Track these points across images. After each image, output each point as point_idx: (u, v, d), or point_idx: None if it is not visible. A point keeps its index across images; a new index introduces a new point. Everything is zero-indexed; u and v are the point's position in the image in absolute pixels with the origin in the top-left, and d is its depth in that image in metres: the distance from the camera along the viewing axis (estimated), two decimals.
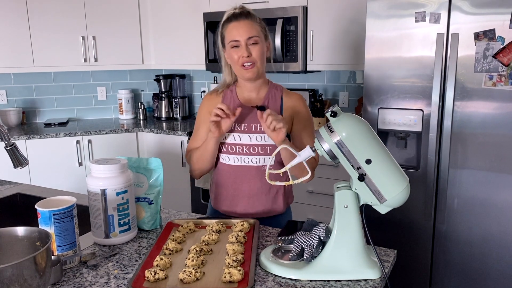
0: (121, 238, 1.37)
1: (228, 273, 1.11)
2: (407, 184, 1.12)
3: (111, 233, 1.35)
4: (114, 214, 1.34)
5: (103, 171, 1.31)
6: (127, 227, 1.37)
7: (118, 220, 1.35)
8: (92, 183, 1.32)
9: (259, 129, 1.58)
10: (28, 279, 0.92)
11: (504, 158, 2.17)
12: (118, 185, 1.32)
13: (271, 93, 1.62)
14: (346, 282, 1.12)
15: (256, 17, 1.56)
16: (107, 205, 1.32)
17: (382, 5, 2.31)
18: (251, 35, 1.50)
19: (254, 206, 1.63)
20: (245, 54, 1.50)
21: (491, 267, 2.29)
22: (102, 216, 1.33)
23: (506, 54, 2.08)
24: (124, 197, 1.34)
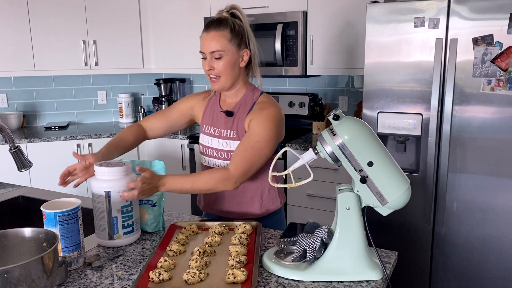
0: (125, 240, 1.38)
1: (232, 274, 1.12)
2: (408, 187, 1.13)
3: (115, 235, 1.36)
4: (118, 216, 1.35)
5: (107, 173, 1.33)
6: (131, 229, 1.39)
7: (122, 222, 1.36)
8: (96, 186, 1.34)
9: (225, 135, 1.59)
10: (35, 280, 0.93)
11: (503, 162, 2.19)
12: (122, 187, 1.33)
13: (244, 99, 1.60)
14: (348, 283, 1.14)
15: (229, 26, 1.49)
16: (111, 207, 1.34)
17: (381, 11, 2.34)
18: (213, 50, 1.49)
19: (227, 206, 1.65)
20: (207, 68, 1.52)
21: (490, 270, 2.31)
22: (106, 218, 1.34)
23: (504, 59, 2.11)
24: (128, 199, 1.35)
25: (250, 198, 1.63)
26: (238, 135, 1.57)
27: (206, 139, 1.66)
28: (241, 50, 1.53)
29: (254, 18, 3.12)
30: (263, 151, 1.49)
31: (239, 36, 1.51)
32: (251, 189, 1.62)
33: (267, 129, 1.50)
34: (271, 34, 3.05)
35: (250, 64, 1.60)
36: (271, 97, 1.62)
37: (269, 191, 1.65)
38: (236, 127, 1.57)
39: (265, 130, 1.50)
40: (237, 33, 1.51)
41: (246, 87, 1.63)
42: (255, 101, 1.58)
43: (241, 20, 1.54)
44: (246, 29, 1.54)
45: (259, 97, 1.60)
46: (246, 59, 1.55)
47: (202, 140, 1.68)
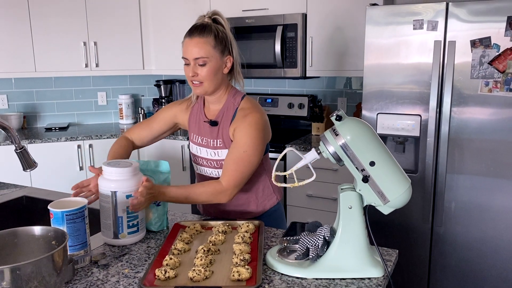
0: (130, 239, 1.40)
1: (237, 272, 1.15)
2: (409, 186, 1.16)
3: (120, 234, 1.38)
4: (124, 216, 1.37)
5: (115, 173, 1.35)
6: (136, 229, 1.41)
7: (127, 222, 1.38)
8: (104, 185, 1.36)
9: (212, 144, 1.60)
10: (46, 277, 0.95)
11: (500, 163, 2.22)
12: (128, 188, 1.36)
13: (226, 106, 1.60)
14: (350, 280, 1.16)
15: (213, 32, 1.49)
16: (117, 207, 1.36)
17: (381, 13, 2.37)
18: (197, 56, 1.48)
19: (225, 207, 1.67)
20: (190, 74, 1.51)
21: (488, 269, 2.34)
22: (112, 217, 1.36)
23: (502, 61, 2.14)
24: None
25: (246, 199, 1.65)
26: (225, 143, 1.58)
27: (195, 149, 1.68)
28: (225, 57, 1.53)
29: (254, 20, 3.15)
30: (251, 160, 1.50)
31: (222, 42, 1.51)
32: (245, 191, 1.64)
33: (252, 138, 1.50)
34: (271, 36, 3.08)
35: (232, 70, 1.59)
36: (253, 100, 1.61)
37: (263, 190, 1.67)
38: (222, 136, 1.58)
39: (250, 139, 1.50)
40: (221, 40, 1.51)
41: (228, 92, 1.61)
42: (237, 107, 1.57)
43: (223, 26, 1.54)
44: (229, 35, 1.54)
45: (240, 103, 1.59)
46: (229, 66, 1.55)
47: (192, 149, 1.70)
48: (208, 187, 1.49)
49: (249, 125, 1.51)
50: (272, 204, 1.70)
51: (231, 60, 1.55)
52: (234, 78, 1.62)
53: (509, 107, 2.16)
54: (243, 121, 1.53)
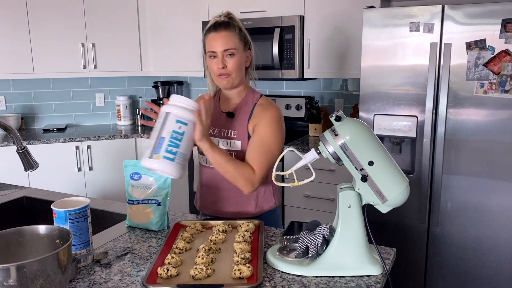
0: (162, 164, 1.34)
1: (238, 270, 1.17)
2: (407, 185, 1.18)
3: (155, 154, 1.35)
4: (166, 138, 1.35)
5: (176, 99, 1.39)
6: (172, 157, 1.35)
7: (167, 145, 1.35)
8: (163, 109, 1.39)
9: (226, 134, 1.64)
10: (51, 275, 0.97)
11: (495, 164, 2.26)
12: (182, 114, 1.37)
13: (245, 101, 1.65)
14: (350, 278, 1.18)
15: (236, 27, 1.57)
16: (164, 127, 1.36)
17: (378, 15, 2.40)
18: (227, 48, 1.53)
19: (225, 206, 1.68)
20: (220, 66, 1.55)
21: (484, 269, 2.37)
22: (156, 136, 1.36)
23: (497, 63, 2.17)
24: (182, 128, 1.36)
25: (247, 198, 1.67)
26: (239, 135, 1.61)
27: None
28: (246, 51, 1.61)
29: (252, 22, 3.17)
30: (276, 154, 1.56)
31: (244, 37, 1.60)
32: None
33: (275, 132, 1.57)
34: (269, 38, 3.10)
35: (249, 67, 1.66)
36: (269, 99, 1.68)
37: (264, 192, 1.69)
38: (237, 127, 1.62)
39: (273, 134, 1.57)
40: (243, 34, 1.59)
41: (247, 89, 1.68)
42: (256, 103, 1.63)
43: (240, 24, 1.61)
44: (247, 32, 1.62)
45: (259, 99, 1.65)
46: (249, 60, 1.63)
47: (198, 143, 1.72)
48: (245, 169, 1.52)
49: (271, 120, 1.58)
50: (270, 207, 1.72)
51: (251, 55, 1.63)
52: (249, 75, 1.68)
53: (503, 108, 2.19)
54: (264, 116, 1.59)
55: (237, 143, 1.61)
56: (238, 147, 1.61)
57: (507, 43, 2.13)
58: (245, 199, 1.68)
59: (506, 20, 2.12)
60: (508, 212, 2.27)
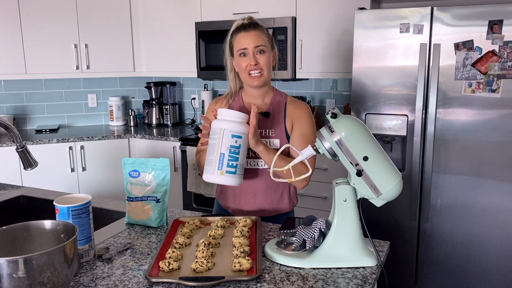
0: (226, 179, 1.49)
1: (238, 263, 1.20)
2: (400, 179, 1.23)
3: (219, 170, 1.47)
4: (226, 153, 1.47)
5: (226, 114, 1.49)
6: (234, 170, 1.49)
7: (228, 161, 1.47)
8: (215, 124, 1.50)
9: (264, 134, 1.67)
10: (58, 268, 0.99)
11: (483, 162, 2.32)
12: (236, 128, 1.48)
13: (275, 100, 1.71)
14: (346, 269, 1.23)
15: (263, 28, 1.64)
16: (222, 143, 1.46)
17: (368, 17, 2.46)
18: (258, 44, 1.59)
19: (260, 205, 1.72)
20: (252, 62, 1.60)
21: (472, 263, 2.43)
22: (215, 153, 1.47)
23: (484, 63, 2.24)
24: (238, 142, 1.48)
25: (281, 194, 1.72)
26: (276, 133, 1.66)
27: None
28: (273, 50, 1.67)
29: None
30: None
31: (270, 38, 1.66)
32: (281, 185, 1.71)
33: (313, 125, 1.69)
34: None
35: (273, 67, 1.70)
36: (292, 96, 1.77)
37: (294, 187, 1.76)
38: (274, 126, 1.67)
39: (312, 127, 1.68)
40: (270, 36, 1.66)
41: (273, 89, 1.75)
42: (285, 101, 1.71)
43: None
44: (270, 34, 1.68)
45: (287, 98, 1.73)
46: (275, 59, 1.69)
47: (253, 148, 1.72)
48: (300, 165, 1.55)
49: (308, 115, 1.69)
50: (296, 203, 1.79)
51: (276, 55, 1.69)
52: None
53: (491, 107, 2.26)
54: (301, 112, 1.68)
55: (275, 142, 1.66)
56: (277, 145, 1.65)
57: (493, 44, 2.20)
58: (280, 196, 1.72)
59: (492, 22, 2.19)
60: (495, 209, 2.33)
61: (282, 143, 1.65)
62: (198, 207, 3.42)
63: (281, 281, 1.16)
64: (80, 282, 1.17)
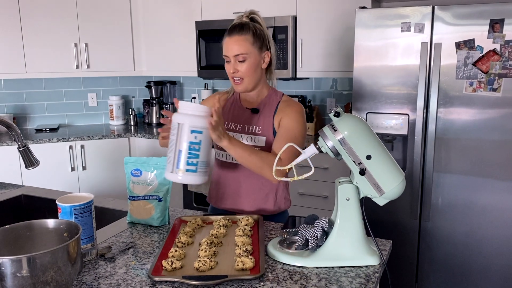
0: (186, 177, 1.37)
1: (241, 262, 1.20)
2: (403, 178, 1.23)
3: (177, 168, 1.36)
4: (184, 150, 1.35)
5: (185, 107, 1.36)
6: (194, 168, 1.36)
7: (187, 158, 1.35)
8: (175, 118, 1.36)
9: (250, 130, 1.66)
10: (61, 267, 0.99)
11: (484, 162, 2.32)
12: (195, 123, 1.35)
13: (269, 98, 1.68)
14: (349, 268, 1.23)
15: (251, 30, 1.56)
16: (179, 139, 1.35)
17: (370, 16, 2.45)
18: (237, 53, 1.55)
19: (242, 203, 1.70)
20: (231, 70, 1.58)
21: (473, 262, 2.43)
22: (174, 149, 1.36)
23: (485, 62, 2.24)
24: (198, 137, 1.35)
25: (265, 195, 1.69)
26: (263, 130, 1.64)
27: None
28: (263, 53, 1.61)
29: None
30: (301, 144, 1.59)
31: (260, 39, 1.59)
32: (268, 186, 1.69)
33: (301, 124, 1.61)
34: None
35: (270, 66, 1.67)
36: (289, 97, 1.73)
37: (282, 190, 1.72)
38: (262, 123, 1.64)
39: (300, 125, 1.61)
40: (259, 37, 1.59)
41: (268, 88, 1.70)
42: (280, 100, 1.67)
43: (260, 25, 1.61)
44: (266, 32, 1.62)
45: (282, 97, 1.69)
46: (267, 61, 1.63)
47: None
48: (271, 157, 1.50)
49: (297, 112, 1.62)
50: (286, 207, 1.75)
51: (269, 56, 1.63)
52: (270, 74, 1.69)
53: (492, 107, 2.26)
54: (290, 110, 1.62)
55: (261, 139, 1.64)
56: (263, 142, 1.64)
57: (495, 43, 2.20)
58: (264, 196, 1.70)
59: (494, 21, 2.19)
60: (496, 208, 2.33)
61: (269, 141, 1.63)
62: (199, 206, 3.42)
63: (284, 280, 1.16)
64: (83, 281, 1.17)
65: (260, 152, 1.54)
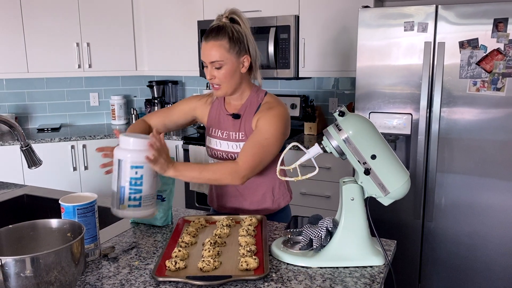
0: (130, 212, 1.35)
1: (245, 262, 1.19)
2: (407, 178, 1.22)
3: (121, 204, 1.35)
4: (126, 186, 1.34)
5: (125, 142, 1.34)
6: (137, 203, 1.35)
7: (129, 194, 1.34)
8: (115, 153, 1.36)
9: (234, 137, 1.63)
10: (65, 267, 0.99)
11: (487, 162, 2.31)
12: (134, 158, 1.33)
13: (250, 101, 1.63)
14: (353, 268, 1.22)
15: (227, 34, 1.50)
16: (120, 175, 1.34)
17: (373, 15, 2.45)
18: (212, 60, 1.51)
19: (241, 205, 1.70)
20: (208, 77, 1.56)
21: (476, 263, 2.42)
22: (116, 185, 1.35)
23: (489, 61, 2.23)
24: (138, 172, 1.34)
25: (262, 195, 1.68)
26: (247, 136, 1.60)
27: (214, 142, 1.68)
28: (241, 57, 1.54)
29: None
30: (271, 148, 1.53)
31: (238, 43, 1.52)
32: (263, 186, 1.67)
33: (275, 127, 1.53)
34: (264, 37, 3.13)
35: (251, 68, 1.62)
36: (275, 96, 1.65)
37: (279, 187, 1.71)
38: (244, 129, 1.61)
39: (273, 129, 1.53)
40: (236, 41, 1.52)
41: (250, 89, 1.64)
42: (261, 102, 1.61)
43: (240, 25, 1.54)
44: (246, 34, 1.54)
45: (264, 98, 1.63)
46: (246, 65, 1.57)
47: (210, 143, 1.71)
48: (224, 166, 1.49)
49: (273, 115, 1.55)
50: (286, 202, 1.74)
51: (249, 60, 1.56)
52: (253, 75, 1.65)
53: (495, 106, 2.25)
54: (268, 112, 1.56)
55: None
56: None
57: (498, 42, 2.19)
58: (261, 197, 1.69)
59: (497, 20, 2.18)
60: (499, 208, 2.33)
61: None
62: (201, 206, 3.41)
63: (289, 280, 1.16)
64: (86, 281, 1.17)
65: (212, 165, 1.50)
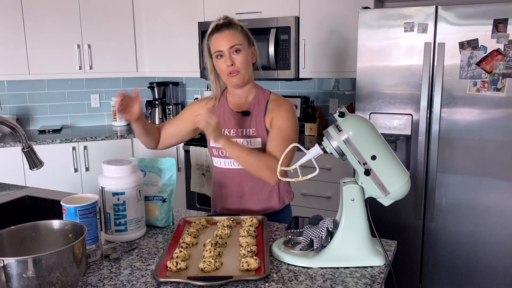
0: (117, 237, 1.42)
1: (246, 262, 1.20)
2: (408, 178, 1.23)
3: (108, 229, 1.43)
4: (111, 213, 1.41)
5: (103, 170, 1.41)
6: (123, 228, 1.42)
7: (114, 219, 1.41)
8: (99, 183, 1.42)
9: (245, 133, 1.66)
10: (67, 268, 0.99)
11: (488, 162, 2.32)
12: (114, 186, 1.39)
13: (257, 99, 1.68)
14: (354, 269, 1.22)
15: (238, 25, 1.61)
16: (104, 203, 1.41)
17: (373, 16, 2.45)
18: (232, 44, 1.56)
19: (247, 204, 1.71)
20: (228, 63, 1.58)
21: (477, 262, 2.42)
22: (102, 211, 1.42)
23: (489, 62, 2.23)
24: (120, 198, 1.40)
25: (269, 193, 1.70)
26: (258, 132, 1.64)
27: None
28: (251, 47, 1.65)
29: (247, 23, 3.19)
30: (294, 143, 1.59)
31: (246, 35, 1.63)
32: (268, 184, 1.68)
33: (292, 122, 1.62)
34: (265, 38, 3.14)
35: (254, 64, 1.68)
36: (279, 94, 1.72)
37: (283, 184, 1.74)
38: (255, 125, 1.64)
39: (291, 124, 1.62)
40: (246, 32, 1.63)
41: (256, 86, 1.71)
42: (268, 99, 1.67)
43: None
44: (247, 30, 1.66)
45: (270, 95, 1.69)
46: (255, 56, 1.66)
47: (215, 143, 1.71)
48: (268, 160, 1.54)
49: (287, 111, 1.63)
50: (290, 199, 1.77)
51: (256, 52, 1.66)
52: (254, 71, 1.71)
53: (496, 107, 2.25)
54: (280, 109, 1.63)
55: (257, 140, 1.64)
56: (259, 144, 1.64)
57: (498, 43, 2.20)
58: (268, 194, 1.71)
59: (497, 20, 2.18)
60: (500, 209, 2.33)
61: (264, 142, 1.63)
62: (202, 207, 3.42)
63: (289, 281, 1.16)
64: (88, 282, 1.17)
65: (259, 153, 1.55)
